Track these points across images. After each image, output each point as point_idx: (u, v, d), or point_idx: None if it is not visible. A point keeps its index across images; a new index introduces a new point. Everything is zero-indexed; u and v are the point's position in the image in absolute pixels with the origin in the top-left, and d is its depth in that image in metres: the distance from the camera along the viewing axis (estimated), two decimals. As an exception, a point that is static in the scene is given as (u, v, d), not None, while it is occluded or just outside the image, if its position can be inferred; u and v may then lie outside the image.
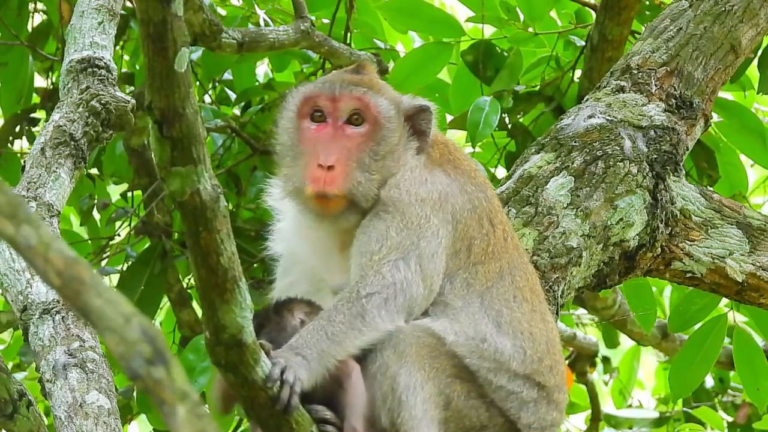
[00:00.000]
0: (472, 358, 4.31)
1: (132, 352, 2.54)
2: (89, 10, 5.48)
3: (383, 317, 4.23)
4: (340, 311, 4.20)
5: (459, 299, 4.39)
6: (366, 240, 4.37)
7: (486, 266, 4.46)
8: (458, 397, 4.29)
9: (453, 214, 4.47)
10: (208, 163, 3.60)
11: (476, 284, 4.42)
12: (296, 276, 4.56)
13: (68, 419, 4.64)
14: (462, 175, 4.58)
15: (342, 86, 4.52)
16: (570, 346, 10.17)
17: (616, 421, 10.13)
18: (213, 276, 3.72)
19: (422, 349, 4.24)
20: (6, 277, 4.91)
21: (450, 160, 4.61)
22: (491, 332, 4.35)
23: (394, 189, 4.46)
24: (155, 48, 3.45)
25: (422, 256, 4.34)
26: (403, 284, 4.28)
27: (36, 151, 5.16)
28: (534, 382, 4.38)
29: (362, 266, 4.33)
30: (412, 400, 4.18)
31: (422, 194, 4.45)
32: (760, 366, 6.87)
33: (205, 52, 7.63)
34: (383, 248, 4.33)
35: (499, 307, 4.40)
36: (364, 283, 4.26)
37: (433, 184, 4.49)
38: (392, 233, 4.36)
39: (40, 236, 2.60)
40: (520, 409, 4.36)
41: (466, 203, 4.51)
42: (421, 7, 7.72)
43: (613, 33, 7.63)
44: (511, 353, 4.36)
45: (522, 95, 7.93)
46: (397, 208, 4.41)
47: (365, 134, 4.49)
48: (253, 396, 3.97)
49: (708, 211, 5.64)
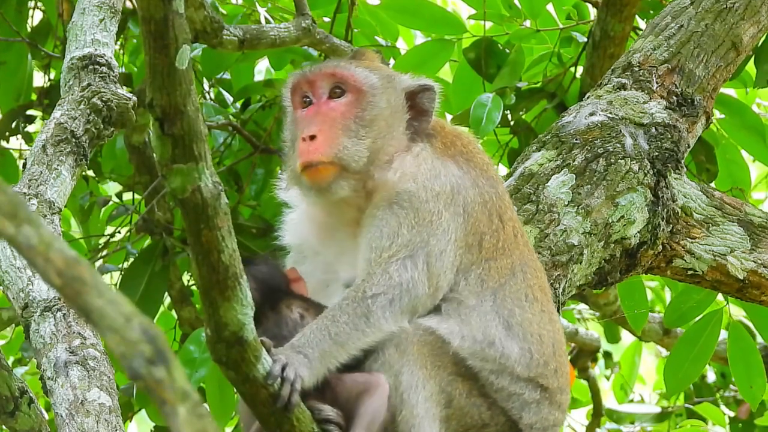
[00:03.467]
0: (474, 360, 4.31)
1: (133, 352, 2.54)
2: (90, 7, 5.48)
3: (387, 318, 4.22)
4: (344, 311, 4.20)
5: (473, 296, 4.37)
6: (377, 235, 4.36)
7: (498, 262, 4.45)
8: (460, 395, 4.28)
9: (464, 207, 4.46)
10: (209, 161, 3.59)
11: (490, 281, 4.41)
12: (308, 267, 4.55)
13: (69, 417, 4.64)
14: (474, 168, 4.56)
15: (316, 67, 4.59)
16: (572, 341, 10.17)
17: (618, 416, 10.13)
18: (214, 273, 3.72)
19: (424, 348, 4.24)
20: (7, 274, 4.91)
21: (463, 152, 4.59)
22: (500, 336, 4.35)
23: (411, 182, 4.44)
24: (156, 45, 3.45)
25: (431, 254, 4.33)
26: (409, 284, 4.28)
27: (37, 148, 5.16)
28: (537, 384, 4.38)
29: (370, 262, 4.32)
30: (414, 398, 4.18)
31: (437, 188, 4.44)
32: (755, 363, 6.83)
33: (206, 49, 7.62)
34: (393, 245, 4.32)
35: (512, 307, 4.40)
36: (370, 282, 4.26)
37: (446, 176, 4.48)
38: (404, 230, 4.35)
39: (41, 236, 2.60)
40: (521, 410, 4.36)
41: (477, 197, 4.50)
42: (421, 5, 7.72)
43: (615, 30, 7.62)
44: (518, 357, 4.35)
45: (524, 92, 7.92)
46: (412, 204, 4.40)
47: (348, 103, 4.51)
48: (254, 393, 3.97)
49: (709, 208, 5.64)
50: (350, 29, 8.03)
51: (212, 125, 7.88)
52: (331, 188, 4.45)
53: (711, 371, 10.03)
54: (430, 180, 4.46)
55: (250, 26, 7.46)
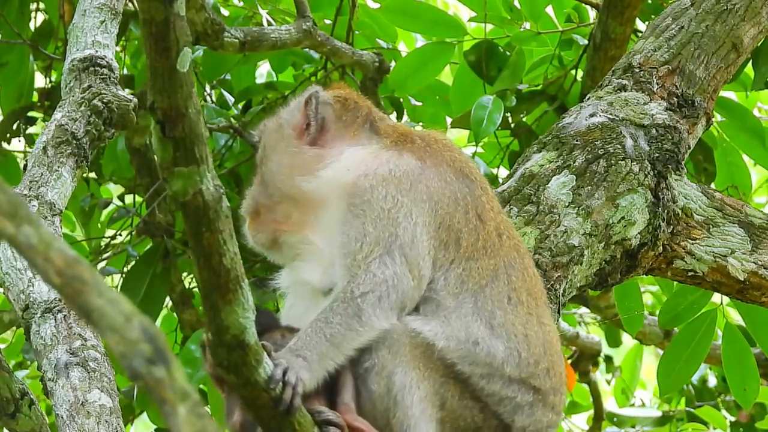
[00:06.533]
0: (463, 365, 4.28)
1: (133, 352, 2.53)
2: (91, 8, 5.48)
3: (379, 315, 4.22)
4: (336, 312, 4.20)
5: (452, 297, 4.35)
6: (346, 240, 4.38)
7: (479, 263, 4.42)
8: (452, 397, 4.27)
9: (429, 195, 4.45)
10: (210, 164, 3.58)
11: (470, 282, 4.38)
12: (291, 296, 4.63)
13: (70, 418, 4.64)
14: (441, 165, 4.55)
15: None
16: (573, 345, 10.17)
17: (619, 419, 10.13)
18: (215, 277, 3.70)
19: (416, 349, 4.23)
20: (8, 275, 4.91)
21: (429, 151, 4.59)
22: (484, 335, 4.31)
23: (362, 177, 4.47)
24: (157, 48, 3.44)
25: (403, 246, 4.33)
26: (394, 280, 4.27)
27: (38, 149, 5.16)
28: (529, 386, 4.34)
29: (349, 267, 4.33)
30: (408, 399, 4.17)
31: (382, 173, 4.47)
32: (748, 365, 6.82)
33: (207, 51, 7.63)
34: (364, 246, 4.33)
35: (492, 308, 4.37)
36: (356, 282, 4.26)
37: (396, 165, 4.50)
38: (369, 228, 4.36)
39: (41, 236, 2.60)
40: (514, 413, 4.33)
41: (445, 190, 4.49)
42: (422, 8, 7.72)
43: (616, 32, 7.63)
44: (504, 356, 4.31)
45: (525, 94, 7.93)
46: (362, 197, 4.42)
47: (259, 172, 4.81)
48: (254, 397, 3.95)
49: (710, 209, 5.64)
50: (351, 32, 8.03)
51: (213, 127, 7.88)
52: (282, 247, 4.66)
53: (712, 375, 10.02)
54: (372, 166, 4.50)
55: (251, 28, 7.47)
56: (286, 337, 4.29)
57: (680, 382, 6.88)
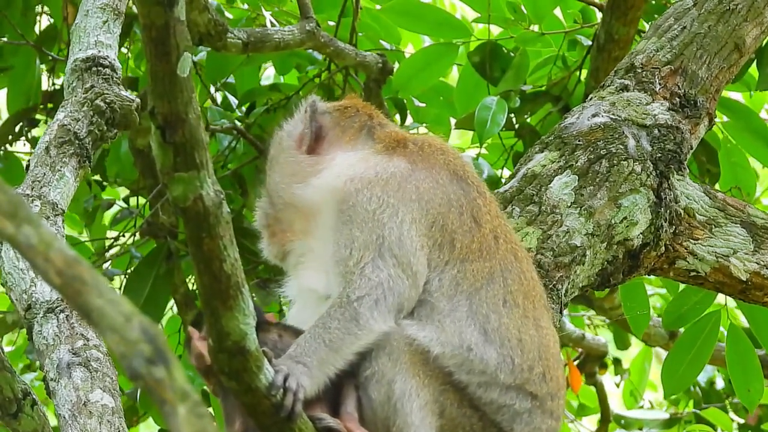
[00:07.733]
0: (460, 374, 4.26)
1: (132, 352, 2.54)
2: (94, 9, 5.48)
3: (376, 319, 4.21)
4: (334, 317, 4.19)
5: (446, 299, 4.33)
6: (336, 248, 4.38)
7: (474, 265, 4.39)
8: (451, 405, 4.24)
9: (419, 195, 4.44)
10: (210, 169, 3.56)
11: (465, 283, 4.36)
12: (297, 305, 4.62)
13: (72, 418, 4.64)
14: (433, 167, 4.55)
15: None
16: (578, 347, 10.15)
17: (627, 422, 10.11)
18: (216, 282, 3.69)
19: (415, 356, 4.21)
20: (10, 275, 4.92)
21: (421, 155, 4.59)
22: (477, 341, 4.28)
23: (348, 182, 4.48)
24: (158, 53, 3.42)
25: (392, 246, 4.32)
26: (389, 282, 4.26)
27: (40, 150, 5.16)
28: (526, 392, 4.30)
29: (343, 274, 4.32)
30: (408, 407, 4.15)
31: (369, 176, 4.48)
32: (752, 366, 6.80)
33: (210, 53, 7.63)
34: (354, 252, 4.33)
35: (487, 312, 4.34)
36: (352, 287, 4.25)
37: (384, 167, 4.51)
38: (356, 233, 4.36)
39: (41, 236, 2.60)
40: (513, 421, 4.30)
41: (437, 190, 4.48)
42: (426, 10, 7.73)
43: (620, 33, 7.63)
44: (498, 363, 4.28)
45: (529, 95, 7.93)
46: (347, 202, 4.43)
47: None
48: (255, 403, 3.94)
49: (712, 209, 5.63)
50: (355, 33, 8.03)
51: (217, 129, 7.88)
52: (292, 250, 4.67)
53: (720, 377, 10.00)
54: (359, 170, 4.51)
55: (254, 29, 7.47)
56: (283, 337, 4.28)
57: (685, 383, 6.88)
